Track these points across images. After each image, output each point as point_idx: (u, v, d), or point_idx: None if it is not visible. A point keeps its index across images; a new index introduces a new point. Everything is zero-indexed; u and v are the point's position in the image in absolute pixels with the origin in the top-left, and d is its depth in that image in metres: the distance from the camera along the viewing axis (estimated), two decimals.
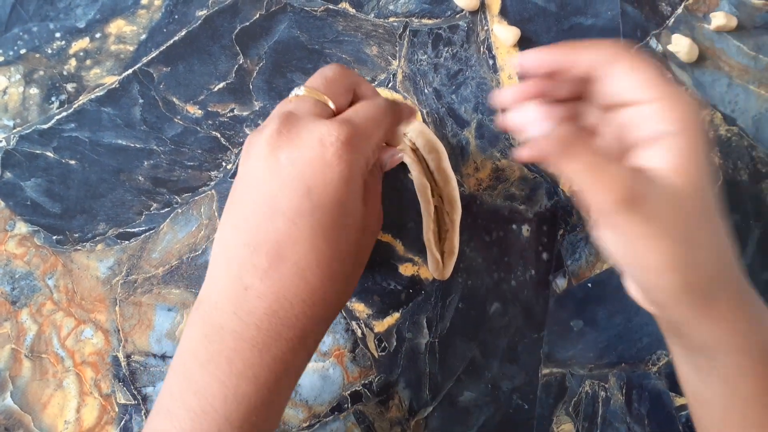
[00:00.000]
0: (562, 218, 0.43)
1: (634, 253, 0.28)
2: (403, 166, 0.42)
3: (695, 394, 0.33)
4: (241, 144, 0.42)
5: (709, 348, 0.30)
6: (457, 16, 0.43)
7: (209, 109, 0.42)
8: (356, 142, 0.29)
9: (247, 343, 0.29)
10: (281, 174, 0.29)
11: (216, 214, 0.41)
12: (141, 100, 0.42)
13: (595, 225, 0.29)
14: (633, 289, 0.32)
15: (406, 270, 0.42)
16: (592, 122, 0.32)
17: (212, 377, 0.29)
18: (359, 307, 0.41)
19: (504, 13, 0.44)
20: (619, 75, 0.28)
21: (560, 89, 0.31)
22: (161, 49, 0.42)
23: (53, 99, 0.41)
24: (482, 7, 0.44)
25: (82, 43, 0.42)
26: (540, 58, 0.30)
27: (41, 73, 0.42)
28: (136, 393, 0.39)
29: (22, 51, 0.42)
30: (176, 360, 0.30)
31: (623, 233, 0.27)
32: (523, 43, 0.43)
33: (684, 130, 0.26)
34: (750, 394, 0.29)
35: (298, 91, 0.32)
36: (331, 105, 0.32)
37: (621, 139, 0.29)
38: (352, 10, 0.43)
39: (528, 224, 0.42)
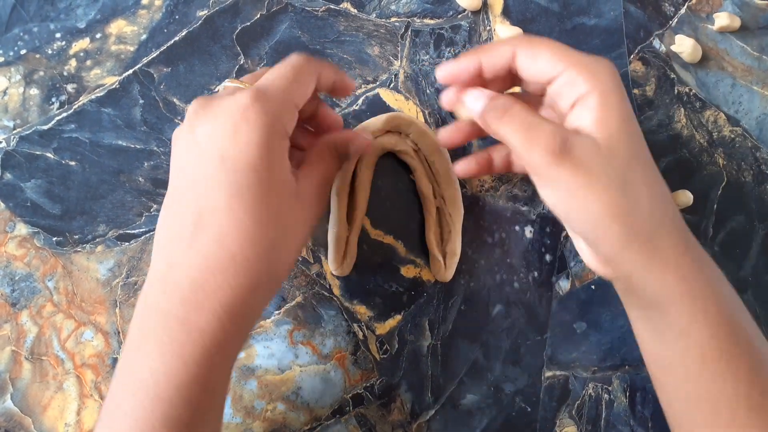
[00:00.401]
0: None
1: (575, 205, 0.29)
2: (405, 168, 0.42)
3: (656, 358, 0.33)
4: None
5: (660, 301, 0.30)
6: (460, 16, 0.43)
7: None
8: (264, 103, 0.30)
9: (173, 319, 0.29)
10: (198, 148, 0.30)
11: None
12: (141, 101, 0.41)
13: (537, 185, 0.31)
14: (584, 254, 0.34)
15: (408, 272, 0.41)
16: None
17: (144, 357, 0.29)
18: (361, 310, 0.41)
19: (506, 13, 0.43)
20: (528, 61, 0.31)
21: (495, 85, 0.34)
22: (162, 49, 0.42)
23: (53, 100, 0.41)
24: (484, 7, 0.43)
25: (82, 44, 0.42)
26: (453, 68, 0.33)
27: (41, 73, 0.41)
28: None
29: (23, 51, 0.41)
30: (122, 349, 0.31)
31: (560, 187, 0.29)
32: None
33: (595, 88, 0.29)
34: (706, 342, 0.30)
35: (220, 85, 0.33)
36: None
37: (557, 115, 0.32)
38: (353, 10, 0.43)
39: (531, 226, 0.42)
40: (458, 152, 0.42)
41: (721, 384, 0.30)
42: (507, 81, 0.34)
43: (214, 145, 0.30)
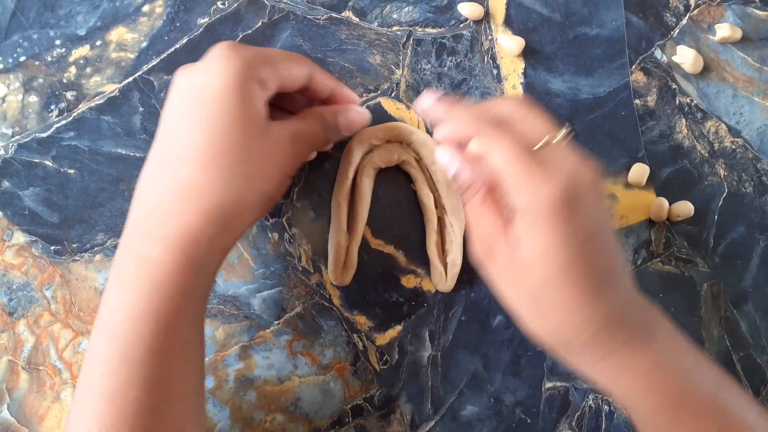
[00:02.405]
0: None
1: (503, 300, 0.32)
2: (406, 177, 0.42)
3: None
4: None
5: (611, 394, 0.33)
6: (461, 25, 0.43)
7: None
8: (238, 48, 0.31)
9: (128, 252, 0.30)
10: (179, 93, 0.31)
11: None
12: (141, 109, 0.41)
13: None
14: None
15: (408, 282, 0.41)
16: None
17: (107, 299, 0.30)
18: (361, 320, 0.41)
19: (508, 22, 0.43)
20: (486, 151, 0.31)
21: None
22: (162, 56, 0.42)
23: (52, 107, 0.41)
24: (486, 17, 0.43)
25: (82, 51, 0.41)
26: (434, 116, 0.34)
27: (41, 80, 0.41)
28: None
29: (22, 58, 0.41)
30: None
31: (491, 282, 0.32)
32: (527, 53, 0.43)
33: (528, 209, 0.29)
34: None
35: None
36: None
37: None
38: (355, 19, 0.43)
39: None
40: None
41: None
42: None
43: (188, 85, 0.31)
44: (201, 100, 0.30)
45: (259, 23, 0.42)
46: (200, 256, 0.30)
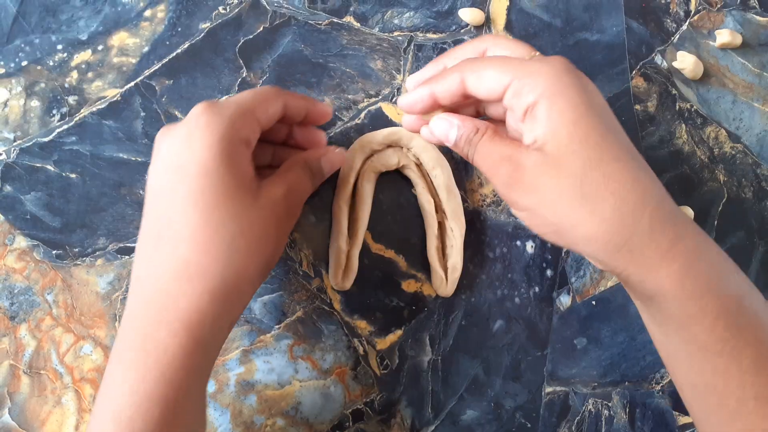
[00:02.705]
0: None
1: (542, 222, 0.30)
2: (407, 182, 0.42)
3: (661, 347, 0.33)
4: None
5: (656, 297, 0.29)
6: (462, 30, 0.43)
7: None
8: (217, 110, 0.31)
9: (135, 333, 0.30)
10: (161, 161, 0.31)
11: None
12: (143, 114, 0.41)
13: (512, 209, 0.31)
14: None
15: (408, 286, 0.41)
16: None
17: (111, 381, 0.29)
18: (361, 324, 0.41)
19: (509, 28, 0.44)
20: (476, 83, 0.30)
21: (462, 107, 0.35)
22: (164, 61, 0.42)
23: (54, 112, 0.41)
24: (487, 22, 0.43)
25: (84, 56, 0.42)
26: (409, 101, 0.33)
27: (42, 85, 0.41)
28: None
29: (24, 63, 0.41)
30: None
31: (522, 210, 0.30)
32: None
33: (540, 95, 0.28)
34: (705, 336, 0.29)
35: None
36: None
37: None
38: (356, 24, 0.43)
39: (532, 241, 0.42)
40: (460, 166, 0.42)
41: (725, 378, 0.29)
42: (470, 101, 0.34)
43: (171, 154, 0.30)
44: (188, 174, 0.30)
45: (261, 28, 0.42)
46: (206, 336, 0.30)
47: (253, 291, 0.33)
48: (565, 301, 0.42)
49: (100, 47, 0.42)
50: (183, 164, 0.30)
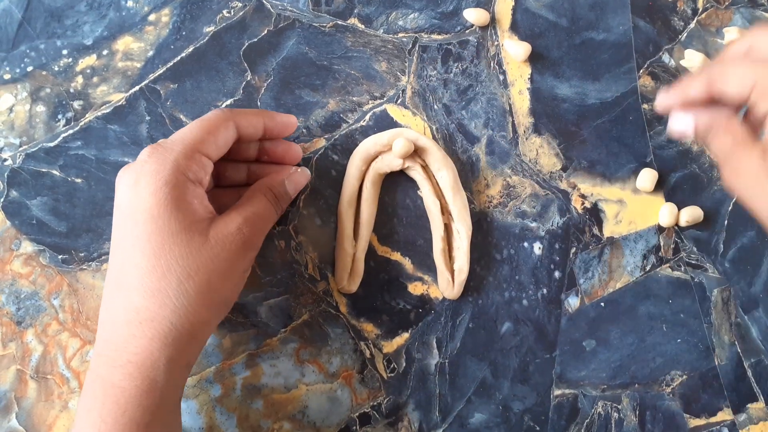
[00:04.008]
0: (574, 236, 0.42)
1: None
2: (413, 183, 0.41)
3: None
4: None
5: None
6: (467, 31, 0.43)
7: None
8: (161, 153, 0.31)
9: (96, 378, 0.31)
10: (117, 207, 0.32)
11: None
12: (148, 118, 0.41)
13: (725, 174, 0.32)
14: None
15: (415, 289, 0.41)
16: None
17: (78, 423, 0.31)
18: (368, 328, 0.41)
19: (514, 28, 0.43)
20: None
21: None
22: (168, 65, 0.42)
23: (60, 117, 0.41)
24: (492, 22, 0.43)
25: (89, 60, 0.42)
26: (676, 98, 0.33)
27: (48, 90, 0.41)
28: None
29: (29, 68, 0.41)
30: None
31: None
32: (534, 59, 0.43)
33: None
34: None
35: None
36: None
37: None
38: (361, 26, 0.43)
39: (540, 242, 0.42)
40: (466, 167, 0.42)
41: None
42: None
43: (123, 201, 0.31)
44: (137, 221, 0.31)
45: (265, 31, 0.42)
46: (162, 377, 0.31)
47: (209, 331, 0.34)
48: (573, 302, 0.42)
49: (105, 52, 0.42)
50: (132, 211, 0.31)
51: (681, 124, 0.34)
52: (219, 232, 0.32)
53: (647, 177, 0.42)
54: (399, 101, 0.42)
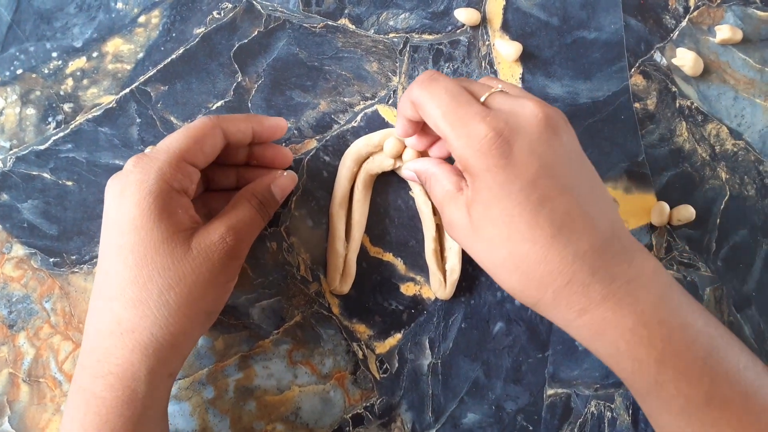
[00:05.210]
0: None
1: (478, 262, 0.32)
2: (404, 184, 0.41)
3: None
4: None
5: (597, 354, 0.31)
6: (458, 31, 0.43)
7: None
8: (145, 164, 0.32)
9: (79, 389, 0.31)
10: (105, 216, 0.32)
11: None
12: (138, 120, 0.41)
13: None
14: None
15: (407, 289, 0.41)
16: None
17: (62, 426, 0.31)
18: (360, 328, 0.41)
19: (506, 27, 0.43)
20: (425, 105, 0.31)
21: None
22: (159, 67, 0.42)
23: (50, 119, 0.41)
24: (483, 22, 0.43)
25: (79, 63, 0.41)
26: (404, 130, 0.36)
27: (38, 93, 0.41)
28: None
29: (19, 71, 0.41)
30: None
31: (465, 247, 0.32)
32: (525, 58, 0.43)
33: (462, 158, 0.29)
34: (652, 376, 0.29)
35: None
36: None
37: None
38: (351, 27, 0.43)
39: None
40: None
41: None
42: None
43: (109, 210, 0.32)
44: (121, 231, 0.31)
45: (255, 32, 0.42)
46: (143, 387, 0.31)
47: (192, 342, 0.34)
48: None
49: (94, 54, 0.42)
50: (117, 221, 0.31)
51: (407, 173, 0.37)
52: (201, 241, 0.32)
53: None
54: (390, 102, 0.42)
